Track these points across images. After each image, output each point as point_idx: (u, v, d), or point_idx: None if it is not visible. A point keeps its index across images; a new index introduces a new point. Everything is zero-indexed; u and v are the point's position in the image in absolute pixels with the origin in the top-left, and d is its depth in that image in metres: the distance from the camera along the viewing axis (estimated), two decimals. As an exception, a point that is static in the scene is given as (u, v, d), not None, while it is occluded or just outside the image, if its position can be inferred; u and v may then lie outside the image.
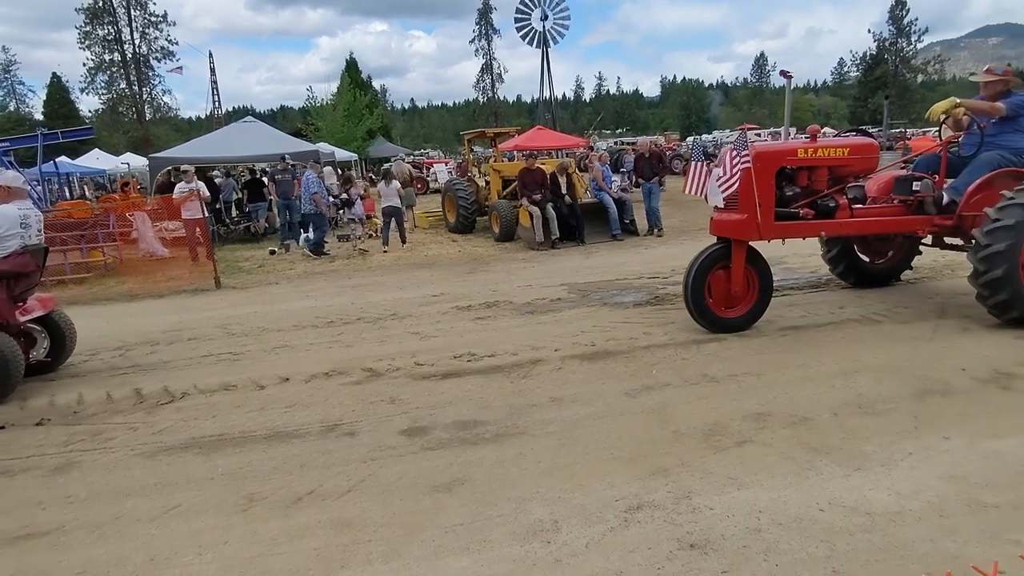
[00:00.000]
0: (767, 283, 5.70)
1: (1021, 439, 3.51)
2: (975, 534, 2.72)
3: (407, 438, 3.95)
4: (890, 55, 55.72)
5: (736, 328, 5.61)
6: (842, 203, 5.80)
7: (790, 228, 5.60)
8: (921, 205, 5.87)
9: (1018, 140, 5.68)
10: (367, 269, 10.31)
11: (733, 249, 5.49)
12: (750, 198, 5.29)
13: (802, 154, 5.60)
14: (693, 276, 5.50)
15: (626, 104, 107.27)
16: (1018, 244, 5.07)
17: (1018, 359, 4.67)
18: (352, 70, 45.39)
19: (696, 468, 3.39)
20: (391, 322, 6.71)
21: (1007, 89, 5.73)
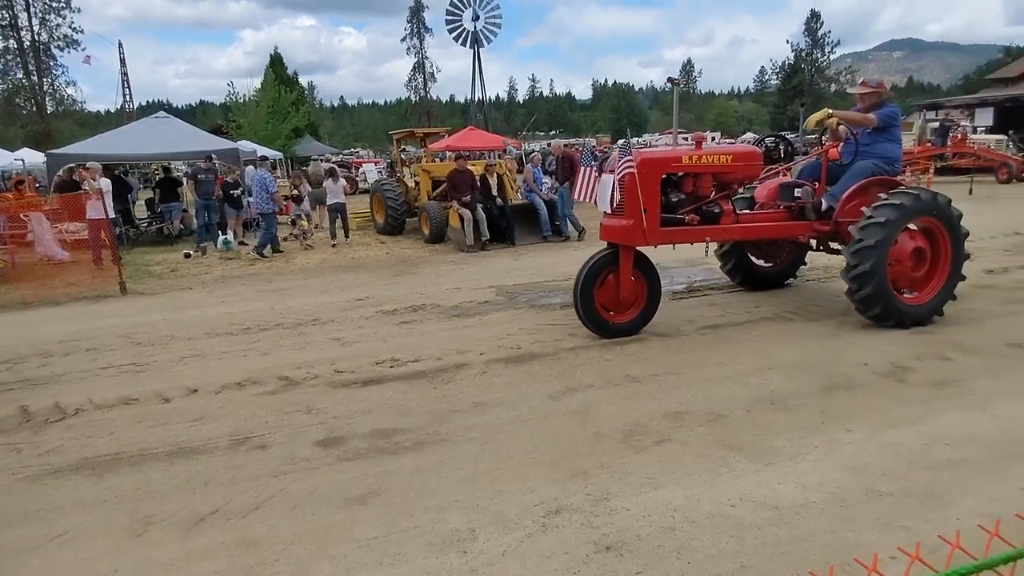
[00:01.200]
0: (655, 288, 5.76)
1: (914, 429, 3.72)
2: (871, 522, 2.85)
3: (322, 449, 3.79)
4: (806, 65, 59.00)
5: (626, 333, 5.62)
6: (727, 209, 5.90)
7: (676, 234, 5.66)
8: (802, 211, 6.08)
9: (891, 149, 6.00)
10: (289, 273, 9.91)
11: (621, 254, 5.51)
12: (636, 204, 5.33)
13: (687, 161, 5.66)
14: (582, 282, 5.50)
15: (559, 106, 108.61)
16: (882, 260, 5.30)
17: (913, 353, 4.97)
18: (277, 65, 43.77)
19: (615, 469, 3.41)
20: (312, 328, 6.47)
21: (880, 100, 6.03)
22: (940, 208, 5.58)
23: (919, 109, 37.68)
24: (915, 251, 5.59)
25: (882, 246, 5.29)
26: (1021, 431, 3.66)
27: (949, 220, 5.62)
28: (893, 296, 5.46)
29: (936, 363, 4.76)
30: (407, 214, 13.27)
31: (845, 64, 70.36)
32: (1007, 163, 20.94)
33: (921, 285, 5.73)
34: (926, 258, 5.67)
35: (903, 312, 5.50)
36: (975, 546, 1.23)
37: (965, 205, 16.69)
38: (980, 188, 18.25)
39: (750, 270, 7.17)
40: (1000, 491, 3.05)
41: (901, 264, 5.52)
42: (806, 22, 59.82)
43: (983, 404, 4.03)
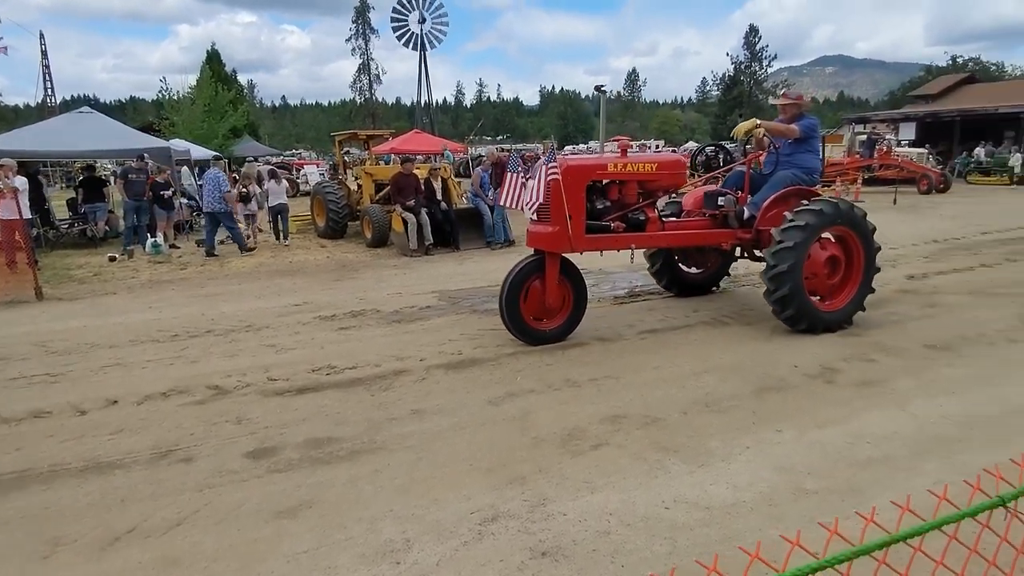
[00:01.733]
0: (582, 294, 5.77)
1: (839, 429, 3.87)
2: (797, 520, 2.93)
3: (252, 461, 3.64)
4: (745, 77, 61.16)
5: (552, 340, 5.60)
6: (652, 217, 5.96)
7: (602, 241, 5.68)
8: (726, 219, 6.22)
9: (810, 160, 6.21)
10: (223, 277, 9.52)
11: (547, 261, 5.50)
12: (561, 211, 5.33)
13: (612, 168, 5.72)
14: (507, 289, 5.46)
15: (506, 111, 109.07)
16: (799, 262, 5.46)
17: (841, 355, 5.18)
18: (214, 62, 42.12)
19: (553, 474, 3.40)
20: (245, 334, 6.22)
21: (800, 112, 6.25)
22: (854, 218, 5.80)
23: (849, 122, 39.71)
24: (830, 259, 5.79)
25: (800, 248, 5.44)
26: (935, 428, 3.86)
27: (862, 230, 5.84)
28: (808, 300, 5.63)
29: (861, 364, 4.98)
30: (349, 217, 13.00)
31: (782, 77, 73.47)
32: (927, 175, 22.30)
33: (835, 292, 5.93)
34: (840, 266, 5.88)
35: (816, 316, 5.67)
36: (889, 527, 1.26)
37: (890, 214, 17.71)
38: (903, 198, 19.34)
39: (678, 276, 7.30)
40: (914, 486, 3.18)
41: (817, 270, 5.71)
42: (745, 36, 62.11)
43: (902, 403, 4.23)
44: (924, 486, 3.16)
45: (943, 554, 1.24)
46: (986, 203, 17.92)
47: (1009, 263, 9.10)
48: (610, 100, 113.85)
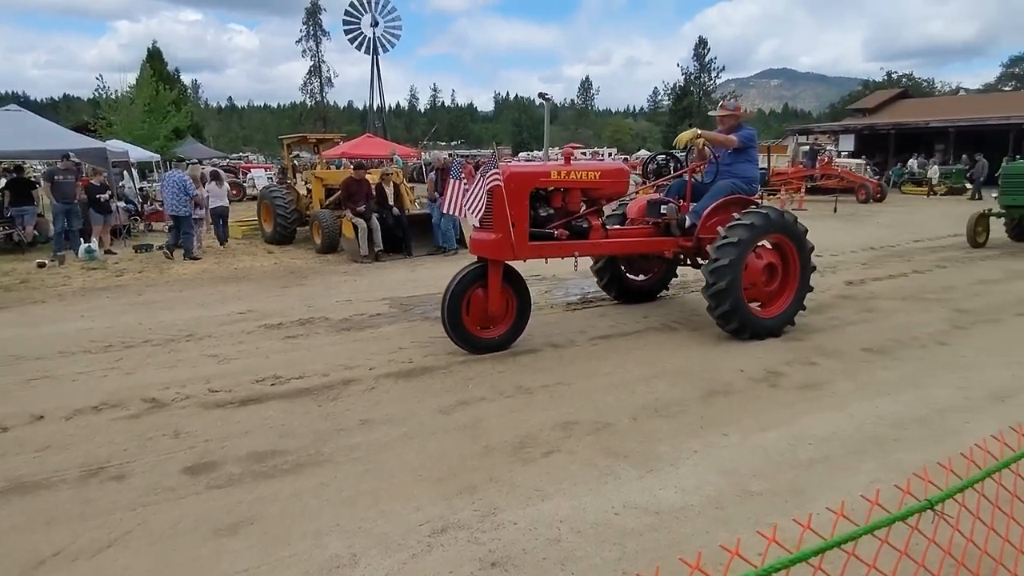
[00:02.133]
0: (525, 302, 5.73)
1: (783, 431, 3.97)
2: (743, 522, 2.99)
3: (190, 477, 3.48)
4: (695, 87, 62.79)
5: (495, 348, 5.54)
6: (595, 224, 5.97)
7: (545, 248, 5.66)
8: (668, 227, 6.32)
9: (749, 169, 6.37)
10: (163, 284, 9.14)
11: (489, 269, 5.45)
12: (504, 218, 5.28)
13: (555, 176, 5.70)
14: (449, 297, 5.39)
15: (460, 117, 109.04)
16: (737, 277, 5.58)
17: (784, 359, 5.34)
18: (156, 60, 40.60)
19: (504, 483, 3.38)
20: (185, 344, 5.98)
21: (738, 123, 6.39)
22: (787, 225, 5.94)
23: (793, 134, 41.29)
24: (767, 267, 5.93)
25: (736, 264, 5.56)
26: (872, 428, 4.01)
27: (795, 235, 6.00)
28: (749, 310, 5.77)
29: (803, 368, 5.14)
30: (298, 223, 12.70)
31: (730, 88, 75.93)
32: (865, 185, 23.38)
33: (773, 299, 6.08)
34: (778, 272, 6.04)
35: (759, 324, 5.82)
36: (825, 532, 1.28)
37: (830, 222, 18.40)
38: (843, 207, 20.19)
39: (624, 284, 7.34)
40: (852, 485, 3.30)
41: (755, 279, 5.84)
42: (695, 48, 63.81)
43: (841, 405, 4.38)
44: (861, 485, 3.28)
45: (875, 557, 1.27)
46: (918, 212, 18.86)
47: (939, 269, 9.58)
48: (564, 108, 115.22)
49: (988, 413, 4.22)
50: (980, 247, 11.36)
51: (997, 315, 6.77)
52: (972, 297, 7.63)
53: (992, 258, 10.47)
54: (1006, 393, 4.58)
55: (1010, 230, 11.84)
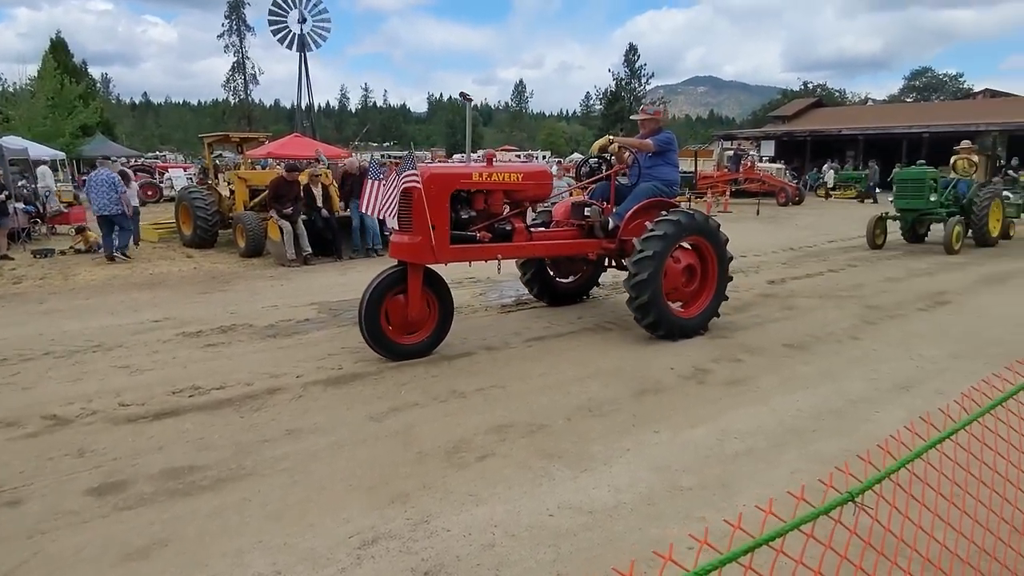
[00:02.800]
0: (447, 306, 5.58)
1: (710, 426, 4.08)
2: (674, 517, 3.04)
3: (95, 499, 3.22)
4: (625, 93, 64.27)
5: (416, 355, 5.37)
6: (519, 226, 5.91)
7: (468, 251, 5.55)
8: (592, 229, 6.35)
9: (669, 172, 6.49)
10: (68, 291, 8.48)
11: (409, 273, 5.28)
12: (424, 221, 5.12)
13: (476, 178, 5.59)
14: (367, 302, 5.18)
15: (393, 118, 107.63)
16: (659, 270, 5.66)
17: (712, 356, 5.50)
18: (60, 52, 37.85)
19: (437, 489, 3.30)
20: (92, 355, 5.56)
21: (658, 127, 6.52)
22: (709, 228, 6.09)
23: (718, 139, 43.04)
24: (687, 267, 6.04)
25: (659, 257, 5.66)
26: (792, 421, 4.17)
27: (716, 240, 6.14)
28: (667, 306, 5.84)
29: (729, 365, 5.31)
30: (220, 225, 12.11)
31: (659, 95, 78.11)
32: (785, 188, 24.64)
33: (692, 300, 6.20)
34: (697, 275, 6.16)
35: (674, 323, 5.90)
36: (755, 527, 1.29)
37: (753, 224, 19.19)
38: (764, 209, 21.17)
39: (550, 286, 7.33)
40: (776, 476, 3.42)
41: (675, 278, 5.94)
42: (625, 54, 65.27)
43: (765, 399, 4.55)
44: (783, 476, 3.40)
45: (801, 553, 1.29)
46: (832, 215, 20.01)
47: (851, 268, 10.18)
48: (498, 110, 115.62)
49: (895, 403, 4.48)
50: (879, 248, 12.05)
51: (902, 311, 7.24)
52: (880, 294, 8.12)
53: (896, 257, 11.22)
54: (910, 383, 4.88)
55: (905, 232, 12.61)
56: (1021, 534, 2.28)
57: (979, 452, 1.99)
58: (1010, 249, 12.29)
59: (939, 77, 74.71)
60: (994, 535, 2.02)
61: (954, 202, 12.07)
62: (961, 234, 11.49)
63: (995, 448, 2.03)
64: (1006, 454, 2.13)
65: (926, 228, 12.68)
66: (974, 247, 11.93)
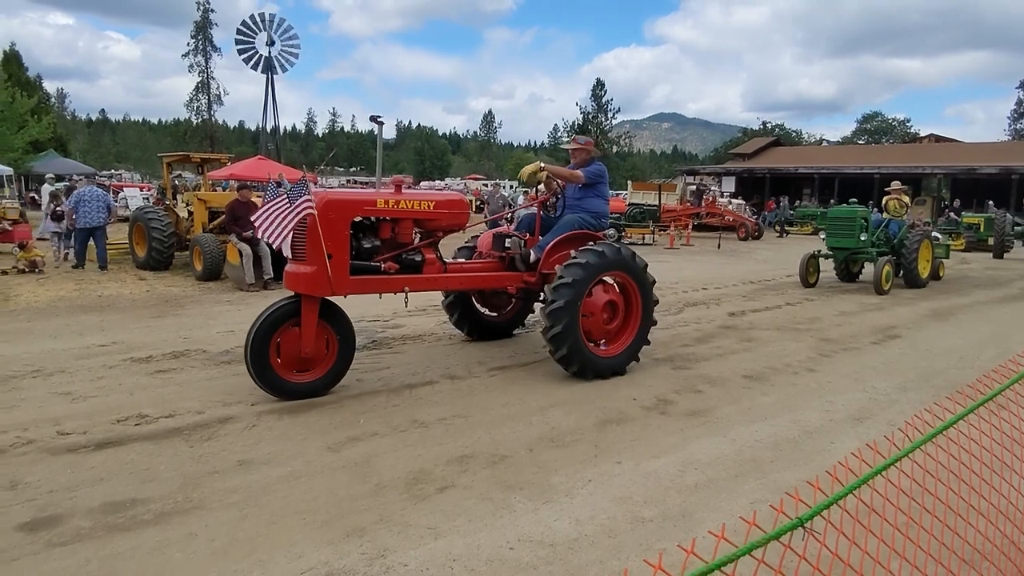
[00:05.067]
0: (348, 343, 5.14)
1: (672, 457, 4.08)
2: (635, 548, 3.00)
3: (27, 534, 3.02)
4: (592, 126, 65.63)
5: (309, 394, 4.93)
6: (430, 258, 5.56)
7: (370, 283, 5.16)
8: (513, 262, 6.05)
9: (598, 204, 6.24)
10: (7, 313, 8.02)
11: (303, 305, 4.87)
12: (319, 250, 4.76)
13: (382, 205, 5.23)
14: (254, 336, 4.77)
15: (361, 143, 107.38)
16: (578, 301, 5.41)
17: (674, 387, 5.54)
18: (12, 64, 36.85)
19: (395, 522, 3.20)
20: (31, 381, 5.27)
21: (590, 157, 6.27)
22: (634, 266, 5.81)
23: (682, 174, 44.25)
24: (608, 304, 5.75)
25: (579, 286, 5.40)
26: (751, 451, 4.21)
27: (641, 279, 5.89)
28: (582, 341, 5.51)
29: (690, 396, 5.35)
30: (176, 247, 11.80)
31: (624, 129, 79.86)
32: (745, 224, 25.37)
33: (615, 337, 5.92)
34: (619, 313, 5.89)
35: (589, 360, 5.57)
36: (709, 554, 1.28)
37: (715, 257, 19.64)
38: (726, 243, 21.74)
39: (477, 320, 7.00)
40: (735, 506, 3.43)
41: (595, 314, 5.64)
42: (593, 89, 66.77)
43: (724, 430, 4.58)
44: (743, 506, 3.41)
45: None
46: (789, 250, 20.61)
47: (808, 301, 10.46)
48: (466, 139, 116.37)
49: (849, 433, 4.57)
50: (811, 287, 11.90)
51: (856, 343, 7.45)
52: (835, 327, 8.35)
53: (851, 292, 11.58)
54: (864, 415, 5.00)
55: (839, 271, 12.62)
56: (970, 566, 2.32)
57: (923, 480, 2.03)
58: (954, 285, 12.83)
59: (888, 121, 78.71)
60: (944, 566, 2.05)
61: (885, 242, 12.11)
62: (891, 274, 11.47)
63: (936, 476, 2.07)
64: (950, 483, 2.17)
65: (859, 267, 12.71)
66: (903, 287, 11.89)
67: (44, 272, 11.10)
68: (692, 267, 14.93)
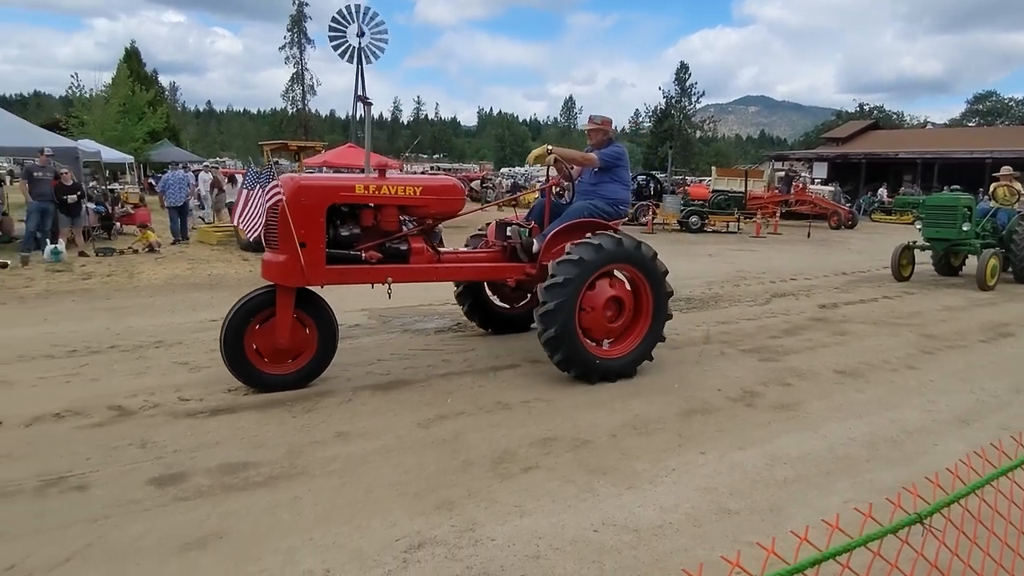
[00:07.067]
0: (329, 332, 4.94)
1: (758, 450, 4.00)
2: (721, 539, 2.99)
3: (156, 488, 3.37)
4: (675, 111, 63.79)
5: (286, 386, 4.78)
6: (418, 247, 5.20)
7: (348, 273, 4.94)
8: (515, 252, 5.64)
9: (616, 190, 5.64)
10: (131, 289, 8.90)
11: (278, 296, 4.71)
12: (290, 238, 4.58)
13: (360, 191, 4.89)
14: (227, 326, 4.66)
15: (444, 131, 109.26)
16: (572, 301, 4.96)
17: (760, 380, 5.39)
18: (133, 60, 40.00)
19: (483, 498, 3.33)
20: (154, 351, 5.81)
21: (608, 138, 5.77)
22: (639, 258, 5.26)
23: (769, 160, 42.31)
24: (613, 300, 5.23)
25: (572, 285, 4.95)
26: (843, 449, 4.06)
27: (649, 271, 5.33)
28: (581, 343, 5.05)
29: (779, 388, 5.19)
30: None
31: (709, 113, 77.09)
32: (837, 212, 24.02)
33: (624, 336, 5.40)
34: (625, 310, 5.32)
35: (590, 363, 5.11)
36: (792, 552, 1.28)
37: (804, 247, 18.76)
38: (816, 232, 20.67)
39: (490, 312, 6.65)
40: (828, 504, 3.33)
41: (596, 312, 5.14)
42: (676, 72, 64.82)
43: (815, 425, 4.43)
44: (836, 504, 3.31)
45: (868, 570, 1.27)
46: (887, 240, 19.36)
47: (907, 295, 9.83)
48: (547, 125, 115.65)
49: (954, 435, 4.31)
50: (905, 280, 11.05)
51: (963, 341, 6.96)
52: (939, 323, 7.82)
53: (956, 286, 10.78)
54: (971, 416, 4.69)
55: (936, 263, 11.67)
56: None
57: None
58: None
59: (1004, 101, 71.67)
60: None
61: (992, 233, 11.00)
62: (997, 268, 10.41)
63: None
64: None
65: (961, 260, 11.67)
66: (1012, 282, 10.85)
67: (161, 252, 12.07)
68: (780, 256, 14.32)
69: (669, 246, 16.33)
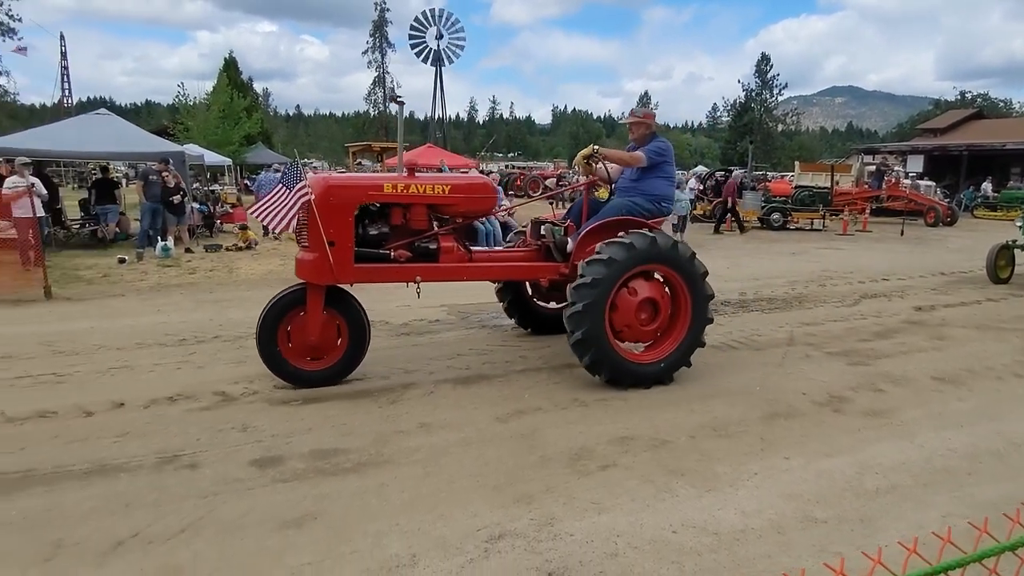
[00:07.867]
0: (360, 330, 4.99)
1: (847, 458, 3.84)
2: (807, 548, 2.91)
3: (257, 469, 3.63)
4: (756, 104, 61.26)
5: (321, 382, 4.88)
6: (447, 245, 5.14)
7: (377, 272, 4.96)
8: (550, 251, 5.52)
9: (660, 186, 5.46)
10: (232, 283, 9.55)
11: (308, 293, 4.80)
12: (319, 237, 4.66)
13: (389, 190, 4.92)
14: (262, 322, 4.82)
15: (518, 129, 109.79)
16: (601, 302, 4.81)
17: (849, 384, 5.16)
18: (231, 69, 42.69)
19: (560, 493, 3.39)
20: (252, 342, 6.14)
21: (651, 132, 5.59)
22: (675, 257, 5.04)
23: (858, 153, 39.95)
24: (647, 302, 5.02)
25: (601, 285, 4.80)
26: (941, 460, 3.83)
27: (687, 271, 5.10)
28: (612, 346, 4.91)
29: (869, 394, 4.96)
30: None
31: (792, 106, 73.19)
32: (935, 208, 22.40)
33: (660, 339, 5.21)
34: (661, 312, 5.09)
35: (622, 366, 4.96)
36: (898, 566, 1.26)
37: (897, 245, 17.65)
38: (911, 230, 19.38)
39: (531, 310, 6.55)
40: (924, 518, 3.17)
41: (629, 319, 4.97)
42: (757, 64, 62.21)
43: (910, 434, 4.21)
44: (934, 518, 3.15)
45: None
46: (992, 238, 17.93)
47: (1014, 298, 9.09)
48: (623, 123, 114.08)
49: (1073, 452, 3.98)
50: (1003, 283, 10.04)
51: (1083, 349, 6.37)
52: (1054, 328, 7.20)
53: (1077, 288, 9.84)
54: (1094, 432, 4.31)
55: None
56: None
57: None
58: None
59: None
60: None
61: None
62: None
63: None
64: None
65: None
66: None
67: (257, 249, 12.84)
68: (870, 255, 13.54)
69: (749, 244, 15.78)
